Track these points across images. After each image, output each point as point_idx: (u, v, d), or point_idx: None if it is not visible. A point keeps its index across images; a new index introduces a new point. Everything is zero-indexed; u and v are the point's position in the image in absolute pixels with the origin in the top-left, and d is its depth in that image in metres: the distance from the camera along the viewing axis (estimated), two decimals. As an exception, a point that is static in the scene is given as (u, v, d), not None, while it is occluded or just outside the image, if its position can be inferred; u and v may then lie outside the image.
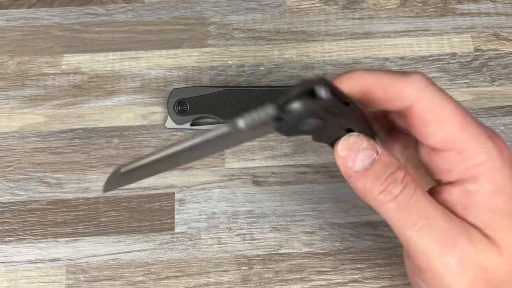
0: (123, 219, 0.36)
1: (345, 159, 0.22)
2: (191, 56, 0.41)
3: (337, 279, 0.34)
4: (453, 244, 0.21)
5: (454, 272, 0.21)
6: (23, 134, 0.38)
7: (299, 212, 0.36)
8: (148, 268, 0.35)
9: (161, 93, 0.39)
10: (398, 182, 0.21)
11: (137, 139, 0.38)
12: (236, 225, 0.36)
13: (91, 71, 0.40)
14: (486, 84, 0.39)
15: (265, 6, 0.42)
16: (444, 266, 0.21)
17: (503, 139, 0.22)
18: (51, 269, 0.35)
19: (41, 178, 0.37)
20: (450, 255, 0.21)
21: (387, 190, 0.21)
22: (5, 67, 0.40)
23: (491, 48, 0.40)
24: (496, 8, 0.42)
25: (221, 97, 0.37)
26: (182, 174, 0.37)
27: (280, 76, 0.40)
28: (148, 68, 0.40)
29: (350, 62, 0.40)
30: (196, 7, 0.42)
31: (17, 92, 0.39)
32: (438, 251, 0.21)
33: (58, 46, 0.41)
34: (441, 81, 0.39)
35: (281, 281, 0.34)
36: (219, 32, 0.41)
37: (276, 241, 0.35)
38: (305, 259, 0.35)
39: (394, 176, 0.21)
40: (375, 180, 0.21)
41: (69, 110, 0.39)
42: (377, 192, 0.21)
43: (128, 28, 0.41)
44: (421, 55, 0.40)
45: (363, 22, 0.41)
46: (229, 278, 0.34)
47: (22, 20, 0.42)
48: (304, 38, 0.41)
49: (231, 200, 0.36)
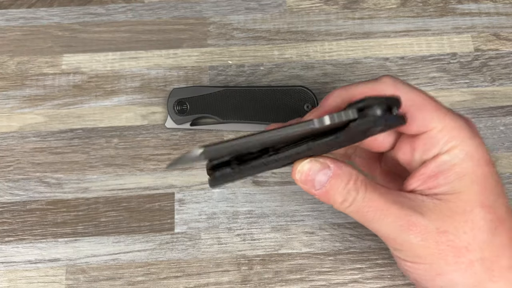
0: (123, 219, 0.36)
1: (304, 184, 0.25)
2: (191, 56, 0.40)
3: (337, 279, 0.34)
4: (407, 223, 0.24)
5: (419, 246, 0.24)
6: (23, 134, 0.38)
7: (299, 212, 0.36)
8: (148, 268, 0.35)
9: (161, 93, 0.39)
10: (352, 190, 0.25)
11: (137, 139, 0.38)
12: (236, 225, 0.36)
13: (91, 71, 0.40)
14: (486, 84, 0.39)
15: (265, 6, 0.42)
16: (409, 244, 0.24)
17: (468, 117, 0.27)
18: (51, 269, 0.35)
19: (40, 178, 0.37)
20: (408, 233, 0.24)
21: (345, 199, 0.25)
22: (5, 67, 0.40)
23: (492, 48, 0.40)
24: (497, 8, 0.42)
25: (221, 97, 0.37)
26: (182, 174, 0.37)
27: (280, 76, 0.40)
28: (148, 68, 0.40)
29: (350, 62, 0.40)
30: (196, 7, 0.42)
31: (17, 92, 0.39)
32: (398, 233, 0.24)
33: (58, 46, 0.41)
34: (441, 81, 0.39)
35: (281, 281, 0.34)
36: (219, 32, 0.41)
37: (276, 241, 0.35)
38: (305, 259, 0.35)
39: (348, 187, 0.25)
40: (335, 193, 0.25)
41: (69, 110, 0.39)
42: (339, 202, 0.25)
43: (128, 28, 0.41)
44: (421, 55, 0.40)
45: (363, 22, 0.41)
46: (229, 278, 0.34)
47: (21, 20, 0.42)
48: (304, 38, 0.41)
49: (231, 200, 0.36)
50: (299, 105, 0.37)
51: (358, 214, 0.25)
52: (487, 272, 0.24)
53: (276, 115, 0.37)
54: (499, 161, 0.37)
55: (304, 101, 0.37)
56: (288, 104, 0.37)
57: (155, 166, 0.37)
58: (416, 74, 0.40)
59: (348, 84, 0.28)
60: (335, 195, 0.25)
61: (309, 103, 0.37)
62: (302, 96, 0.37)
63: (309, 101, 0.37)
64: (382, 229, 0.25)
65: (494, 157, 0.37)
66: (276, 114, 0.37)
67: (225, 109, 0.37)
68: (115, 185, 0.37)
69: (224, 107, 0.37)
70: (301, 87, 0.37)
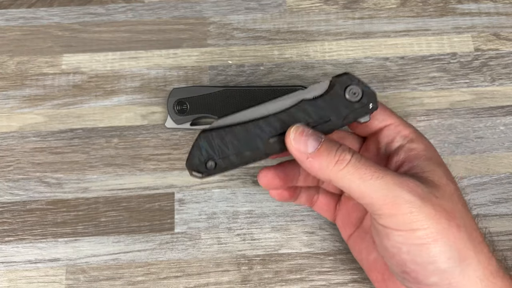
0: (123, 219, 0.36)
1: (298, 144, 0.27)
2: (191, 56, 0.40)
3: (337, 279, 0.34)
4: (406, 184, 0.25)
5: (416, 207, 0.25)
6: (23, 134, 0.38)
7: (299, 212, 0.36)
8: (148, 268, 0.35)
9: (161, 93, 0.39)
10: (347, 151, 0.26)
11: (136, 139, 0.38)
12: (236, 225, 0.36)
13: (91, 71, 0.40)
14: (486, 84, 0.39)
15: (265, 6, 0.42)
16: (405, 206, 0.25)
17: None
18: (51, 269, 0.34)
19: (40, 178, 0.37)
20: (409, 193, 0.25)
21: (340, 159, 0.26)
22: (4, 67, 0.40)
23: (492, 47, 0.40)
24: (497, 8, 0.42)
25: (221, 97, 0.37)
26: (182, 174, 0.37)
27: (280, 76, 0.40)
28: (148, 68, 0.40)
29: (350, 61, 0.40)
30: (196, 7, 0.42)
31: (16, 92, 0.39)
32: (398, 191, 0.25)
33: (57, 46, 0.41)
34: (441, 81, 0.39)
35: (281, 281, 0.34)
36: (219, 32, 0.41)
37: (276, 241, 0.35)
38: (305, 259, 0.35)
39: (342, 148, 0.26)
40: (329, 155, 0.26)
41: (69, 110, 0.39)
42: (332, 164, 0.26)
43: (128, 28, 0.41)
44: (421, 55, 0.40)
45: (363, 21, 0.41)
46: (229, 278, 0.34)
47: (21, 20, 0.42)
48: (304, 37, 0.41)
49: (231, 200, 0.36)
50: (299, 105, 0.37)
51: (355, 174, 0.26)
52: (470, 239, 0.26)
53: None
54: (499, 161, 0.37)
55: (304, 101, 0.37)
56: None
57: (155, 166, 0.37)
58: (416, 74, 0.40)
59: None
60: (329, 155, 0.26)
61: (309, 103, 0.37)
62: (302, 96, 0.37)
63: (309, 101, 0.37)
64: (378, 191, 0.25)
65: (495, 157, 0.37)
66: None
67: (225, 109, 0.37)
68: (115, 185, 0.37)
69: (224, 107, 0.37)
70: (301, 87, 0.37)
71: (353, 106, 0.28)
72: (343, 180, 0.26)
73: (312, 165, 0.27)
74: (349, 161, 0.26)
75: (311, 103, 0.28)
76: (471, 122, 0.38)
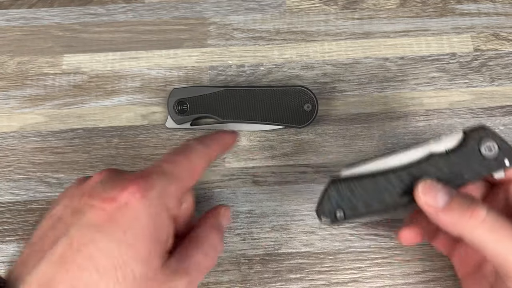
0: (123, 219, 0.36)
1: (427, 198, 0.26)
2: (191, 56, 0.41)
3: (337, 278, 0.34)
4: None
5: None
6: (23, 134, 0.38)
7: (299, 211, 0.36)
8: (148, 267, 0.35)
9: (161, 93, 0.39)
10: (481, 207, 0.25)
11: (137, 139, 0.38)
12: (236, 225, 0.36)
13: (91, 71, 0.40)
14: (485, 84, 0.39)
15: (265, 6, 0.42)
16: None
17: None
18: (52, 269, 0.35)
19: (41, 178, 0.37)
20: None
21: (474, 215, 0.25)
22: (5, 67, 0.40)
23: (491, 48, 0.40)
24: (496, 8, 0.42)
25: (221, 97, 0.37)
26: (182, 174, 0.37)
27: (280, 76, 0.40)
28: (148, 68, 0.40)
29: (350, 62, 0.40)
30: (196, 7, 0.42)
31: (17, 92, 0.39)
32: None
33: (58, 46, 0.41)
34: (440, 81, 0.39)
35: (281, 281, 0.34)
36: (219, 32, 0.41)
37: (276, 240, 0.35)
38: (305, 259, 0.35)
39: (475, 203, 0.25)
40: (461, 211, 0.25)
41: (69, 110, 0.39)
42: (465, 220, 0.25)
43: (128, 28, 0.42)
44: (420, 55, 0.40)
45: (363, 22, 0.42)
46: (229, 278, 0.34)
47: (22, 20, 0.42)
48: (304, 38, 0.41)
49: (231, 199, 0.36)
50: (299, 105, 0.37)
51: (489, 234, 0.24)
52: None
53: (276, 115, 0.37)
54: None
55: (304, 101, 0.37)
56: (288, 104, 0.37)
57: (155, 166, 0.37)
58: (415, 74, 0.40)
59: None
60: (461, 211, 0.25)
61: (309, 103, 0.37)
62: (302, 96, 0.37)
63: (309, 101, 0.37)
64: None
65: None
66: (276, 114, 0.37)
67: (225, 109, 0.37)
68: (115, 185, 0.37)
69: (224, 107, 0.37)
70: (301, 87, 0.37)
71: (488, 163, 0.27)
72: (477, 238, 0.25)
73: (443, 219, 0.26)
74: (484, 219, 0.25)
75: (444, 158, 0.28)
76: (470, 122, 0.38)
